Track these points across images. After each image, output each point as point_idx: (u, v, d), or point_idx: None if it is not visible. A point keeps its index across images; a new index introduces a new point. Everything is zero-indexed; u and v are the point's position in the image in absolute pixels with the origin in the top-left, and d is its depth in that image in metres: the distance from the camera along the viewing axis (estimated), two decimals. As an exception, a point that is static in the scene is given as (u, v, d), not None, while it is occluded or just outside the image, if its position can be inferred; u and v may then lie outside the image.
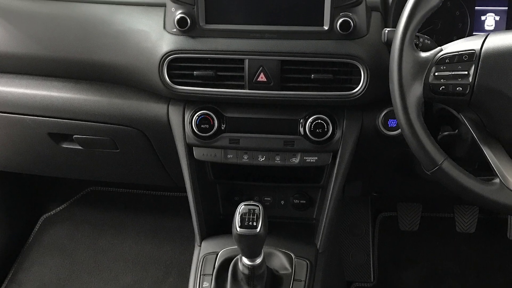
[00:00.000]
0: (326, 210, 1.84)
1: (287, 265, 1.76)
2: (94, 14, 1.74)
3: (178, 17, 1.59)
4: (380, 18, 1.65)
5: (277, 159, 1.78)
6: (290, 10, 1.60)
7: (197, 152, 1.80)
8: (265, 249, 1.59)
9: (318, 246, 1.86)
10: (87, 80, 1.87)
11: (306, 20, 1.60)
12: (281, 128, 1.74)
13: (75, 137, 1.97)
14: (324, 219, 1.85)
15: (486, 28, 1.76)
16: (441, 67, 1.32)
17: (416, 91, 1.32)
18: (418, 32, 1.36)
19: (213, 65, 1.64)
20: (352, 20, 1.56)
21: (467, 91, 1.30)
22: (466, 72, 1.30)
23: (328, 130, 1.69)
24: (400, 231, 2.81)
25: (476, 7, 1.76)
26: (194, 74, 1.64)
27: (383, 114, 1.69)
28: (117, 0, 1.74)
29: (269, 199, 2.05)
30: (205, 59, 1.64)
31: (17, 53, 1.83)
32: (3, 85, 1.92)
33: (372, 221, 2.80)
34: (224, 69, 1.64)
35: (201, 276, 1.76)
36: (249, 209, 1.52)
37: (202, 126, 1.72)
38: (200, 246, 1.88)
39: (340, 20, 1.56)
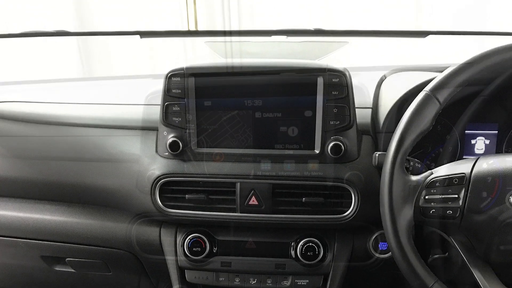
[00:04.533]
0: None
1: None
2: (86, 137, 1.77)
3: (170, 140, 1.61)
4: (370, 142, 1.66)
5: (269, 282, 1.75)
6: (281, 134, 1.62)
7: (189, 275, 1.78)
8: None
9: None
10: (79, 203, 1.88)
11: (297, 143, 1.62)
12: (272, 251, 1.72)
13: (67, 260, 1.95)
14: None
15: (476, 151, 1.77)
16: (432, 191, 1.32)
17: (406, 214, 1.31)
18: (408, 155, 1.36)
19: (205, 188, 1.65)
20: (343, 144, 1.57)
21: (458, 215, 1.29)
22: (457, 196, 1.30)
23: (319, 253, 1.68)
24: None
25: (466, 131, 1.78)
26: (186, 198, 1.65)
27: (373, 237, 1.69)
28: (110, 124, 1.78)
29: None
30: (197, 182, 1.65)
31: (10, 177, 1.85)
32: (-4, 208, 1.93)
33: None
34: (216, 193, 1.65)
35: None
36: None
37: (194, 249, 1.71)
38: None
39: (331, 144, 1.58)
